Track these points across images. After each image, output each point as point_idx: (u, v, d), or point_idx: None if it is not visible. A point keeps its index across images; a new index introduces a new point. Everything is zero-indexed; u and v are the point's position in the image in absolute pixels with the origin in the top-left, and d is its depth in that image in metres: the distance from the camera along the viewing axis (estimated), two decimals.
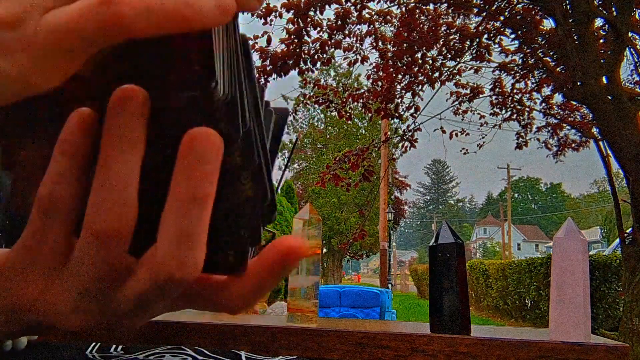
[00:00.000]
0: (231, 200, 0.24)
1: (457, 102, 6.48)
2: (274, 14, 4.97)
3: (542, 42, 5.29)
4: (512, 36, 5.43)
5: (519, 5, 5.19)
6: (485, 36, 5.56)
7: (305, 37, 5.15)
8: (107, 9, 0.18)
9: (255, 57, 5.16)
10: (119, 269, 0.23)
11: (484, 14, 5.20)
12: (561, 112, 6.35)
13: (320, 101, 6.13)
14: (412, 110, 6.18)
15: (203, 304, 0.27)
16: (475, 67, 6.04)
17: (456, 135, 6.58)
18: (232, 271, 0.25)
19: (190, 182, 0.21)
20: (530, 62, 5.52)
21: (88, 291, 0.23)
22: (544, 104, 6.23)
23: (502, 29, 5.45)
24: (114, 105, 0.21)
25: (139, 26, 0.19)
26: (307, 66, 5.34)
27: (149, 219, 0.22)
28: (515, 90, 6.15)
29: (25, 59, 0.19)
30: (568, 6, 4.44)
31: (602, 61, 4.30)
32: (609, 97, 4.15)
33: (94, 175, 0.22)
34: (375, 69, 6.04)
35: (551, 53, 5.33)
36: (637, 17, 4.42)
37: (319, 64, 5.41)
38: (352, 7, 5.19)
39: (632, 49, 4.55)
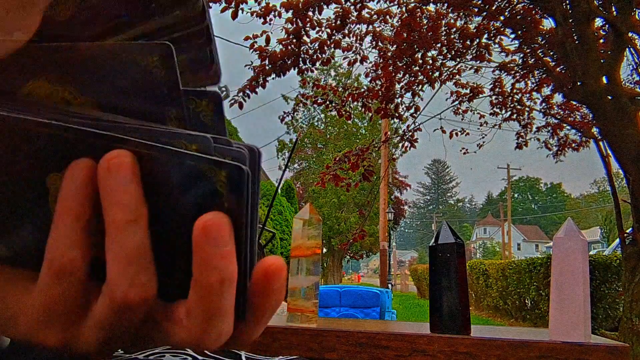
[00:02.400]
0: None
1: (457, 102, 6.48)
2: (272, 13, 4.96)
3: (542, 42, 5.28)
4: (512, 36, 5.42)
5: (519, 5, 5.18)
6: (485, 36, 5.56)
7: (305, 37, 5.15)
8: None
9: (254, 56, 5.16)
10: (143, 325, 0.24)
11: (484, 13, 5.19)
12: (561, 112, 6.35)
13: (320, 101, 6.13)
14: (412, 110, 6.18)
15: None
16: (475, 67, 6.04)
17: (456, 134, 6.58)
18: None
19: (217, 267, 0.22)
20: (530, 62, 5.52)
21: (113, 339, 0.24)
22: (544, 104, 6.23)
23: (502, 29, 5.45)
24: (105, 176, 0.22)
25: None
26: (306, 66, 5.34)
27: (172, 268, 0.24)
28: (515, 90, 6.15)
29: None
30: (568, 6, 4.43)
31: (602, 61, 4.29)
32: (609, 97, 4.15)
33: (106, 248, 0.22)
34: (375, 69, 6.04)
35: (551, 53, 5.32)
36: (637, 17, 4.41)
37: (318, 63, 5.40)
38: (352, 7, 5.19)
39: (632, 49, 4.55)
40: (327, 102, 6.13)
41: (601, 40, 4.92)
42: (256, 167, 0.24)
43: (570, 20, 4.38)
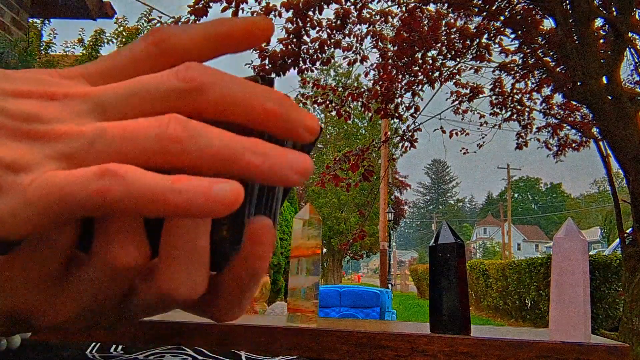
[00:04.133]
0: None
1: (457, 102, 6.48)
2: (273, 13, 4.96)
3: (542, 42, 5.29)
4: (512, 36, 5.43)
5: (519, 5, 5.19)
6: (485, 36, 5.56)
7: (305, 37, 5.15)
8: (101, 183, 0.18)
9: (254, 56, 5.17)
10: (128, 288, 0.23)
11: (484, 13, 5.19)
12: (561, 112, 6.35)
13: (320, 101, 6.13)
14: (412, 110, 6.18)
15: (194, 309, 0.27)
16: (475, 67, 6.04)
17: (456, 134, 6.58)
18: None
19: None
20: (530, 62, 5.52)
21: (93, 304, 0.23)
22: (544, 104, 6.23)
23: (502, 29, 5.45)
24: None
25: (126, 207, 0.18)
26: (306, 65, 5.34)
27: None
28: (515, 90, 6.15)
29: (11, 203, 0.19)
30: (568, 6, 4.43)
31: (602, 61, 4.29)
32: (609, 97, 4.15)
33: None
34: (375, 69, 6.04)
35: (551, 53, 5.32)
36: (637, 17, 4.41)
37: (318, 63, 5.40)
38: (352, 7, 5.19)
39: (632, 49, 4.55)
40: (327, 102, 6.13)
41: (601, 40, 4.92)
42: None
43: (570, 20, 4.38)
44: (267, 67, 5.16)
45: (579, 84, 4.30)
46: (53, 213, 0.19)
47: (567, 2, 4.44)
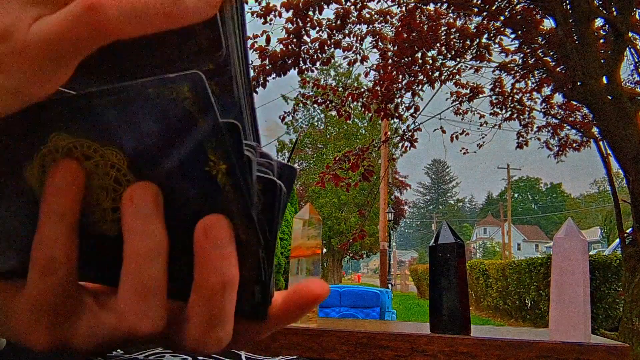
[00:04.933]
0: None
1: (457, 102, 6.47)
2: (273, 13, 4.96)
3: (542, 42, 5.28)
4: (512, 36, 5.42)
5: (519, 5, 5.18)
6: (485, 36, 5.56)
7: (305, 37, 5.15)
8: (94, 14, 0.18)
9: (254, 56, 5.16)
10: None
11: (484, 13, 5.19)
12: (562, 112, 6.35)
13: (320, 101, 6.13)
14: (412, 110, 6.18)
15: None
16: (475, 67, 6.04)
17: (456, 137, 6.57)
18: (256, 318, 0.26)
19: (217, 269, 0.22)
20: (530, 62, 5.52)
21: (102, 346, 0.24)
22: (544, 104, 6.23)
23: (502, 29, 5.45)
24: (127, 205, 0.21)
25: (127, 28, 0.19)
26: (306, 65, 5.34)
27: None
28: (515, 90, 6.15)
29: (18, 71, 0.19)
30: (568, 6, 4.43)
31: (602, 61, 4.29)
32: (609, 97, 4.14)
33: (122, 276, 0.22)
34: (375, 69, 6.04)
35: (551, 53, 5.32)
36: (637, 17, 4.41)
37: (318, 63, 5.40)
38: (352, 7, 5.19)
39: (632, 49, 4.55)
40: (327, 102, 6.13)
41: (601, 40, 4.92)
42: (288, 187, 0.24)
43: (570, 20, 4.37)
44: (267, 67, 5.16)
45: (579, 84, 4.30)
46: (59, 59, 0.19)
47: (567, 2, 4.44)
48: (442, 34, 5.61)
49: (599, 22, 4.75)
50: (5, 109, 0.20)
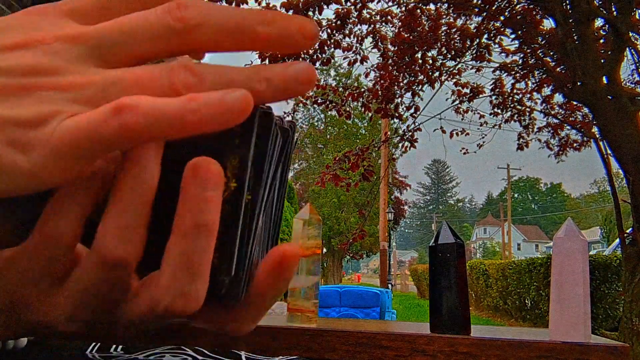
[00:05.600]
0: None
1: (457, 102, 6.48)
2: None
3: (542, 42, 5.29)
4: (512, 36, 5.43)
5: (519, 6, 5.19)
6: (485, 36, 5.56)
7: None
8: (120, 117, 0.19)
9: (254, 56, 5.17)
10: (120, 290, 0.23)
11: (484, 14, 5.19)
12: (562, 112, 6.35)
13: (319, 101, 6.13)
14: (412, 110, 6.18)
15: (205, 324, 0.26)
16: (475, 67, 6.04)
17: (457, 134, 6.58)
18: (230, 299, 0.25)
19: (194, 210, 0.21)
20: (530, 62, 5.52)
21: (86, 305, 0.23)
22: (544, 104, 6.23)
23: (502, 29, 5.45)
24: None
25: (150, 134, 0.19)
26: None
27: (157, 244, 0.22)
28: (515, 90, 6.15)
29: (40, 157, 0.19)
30: (568, 6, 4.43)
31: (602, 61, 4.29)
32: (609, 97, 4.15)
33: (107, 201, 0.22)
34: (376, 69, 6.04)
35: (551, 53, 5.32)
36: (637, 17, 4.41)
37: (318, 63, 5.40)
38: (352, 7, 5.19)
39: (632, 49, 4.55)
40: (327, 102, 6.13)
41: (601, 40, 4.92)
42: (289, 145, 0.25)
43: (570, 20, 4.38)
44: None
45: (579, 84, 4.30)
46: (81, 155, 0.20)
47: (567, 2, 4.44)
48: (442, 34, 5.61)
49: (599, 22, 4.75)
50: (17, 190, 0.20)
